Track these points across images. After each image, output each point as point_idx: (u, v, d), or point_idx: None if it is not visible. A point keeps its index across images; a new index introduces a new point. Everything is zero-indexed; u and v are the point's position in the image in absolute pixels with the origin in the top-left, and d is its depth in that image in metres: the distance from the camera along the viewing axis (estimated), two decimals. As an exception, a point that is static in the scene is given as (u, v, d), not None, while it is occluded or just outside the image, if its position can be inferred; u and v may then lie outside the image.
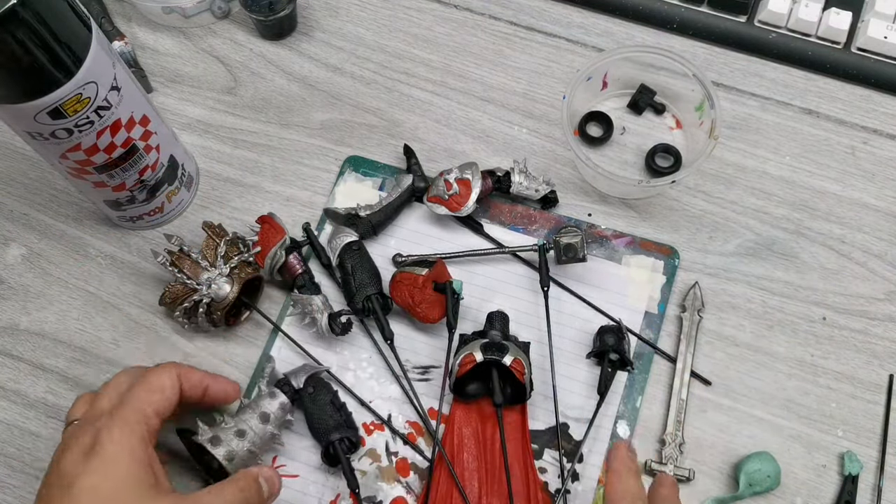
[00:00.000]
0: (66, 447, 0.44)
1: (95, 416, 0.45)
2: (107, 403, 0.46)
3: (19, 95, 0.44)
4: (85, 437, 0.43)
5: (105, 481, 0.42)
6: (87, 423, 0.45)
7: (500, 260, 0.59)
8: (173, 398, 0.47)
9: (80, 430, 0.44)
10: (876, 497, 0.53)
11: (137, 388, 0.46)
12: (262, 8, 0.64)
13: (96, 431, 0.43)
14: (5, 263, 0.60)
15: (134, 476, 0.42)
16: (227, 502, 0.44)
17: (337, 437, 0.51)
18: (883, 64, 0.65)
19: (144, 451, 0.44)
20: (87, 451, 0.43)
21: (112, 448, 0.42)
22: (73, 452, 0.43)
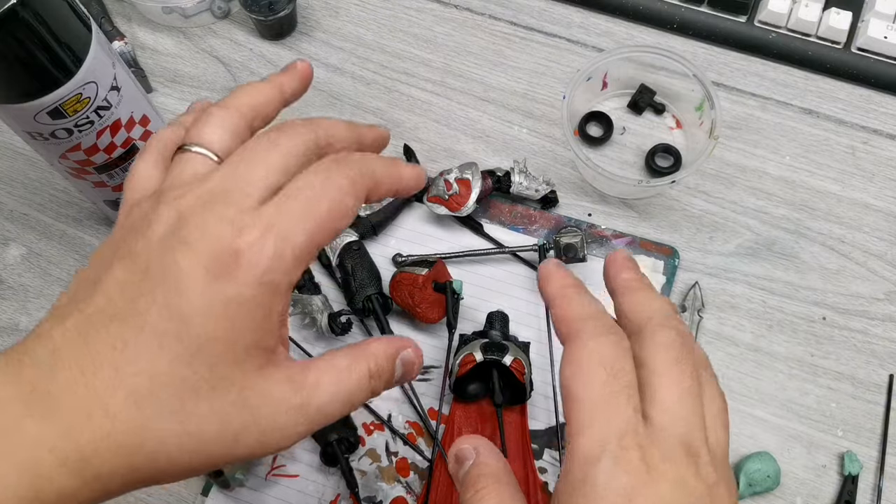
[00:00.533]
0: (185, 239, 0.28)
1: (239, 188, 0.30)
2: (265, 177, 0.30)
3: (19, 95, 0.44)
4: (208, 242, 0.28)
5: (222, 337, 0.28)
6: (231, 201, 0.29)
7: (500, 260, 0.59)
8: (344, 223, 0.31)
9: (215, 216, 0.29)
10: (876, 497, 0.53)
11: (324, 207, 0.30)
12: (262, 8, 0.64)
13: (236, 248, 0.28)
14: (5, 263, 0.60)
15: (261, 340, 0.29)
16: (349, 391, 0.31)
17: (335, 437, 0.51)
18: (883, 64, 0.65)
19: (285, 308, 0.31)
20: (219, 272, 0.28)
21: (247, 294, 0.28)
22: (197, 255, 0.28)
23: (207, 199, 0.29)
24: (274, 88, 0.35)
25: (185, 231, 0.29)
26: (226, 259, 0.28)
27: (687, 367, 0.30)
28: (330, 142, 0.33)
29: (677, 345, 0.31)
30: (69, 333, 0.28)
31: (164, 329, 0.28)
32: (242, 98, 0.34)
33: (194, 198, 0.30)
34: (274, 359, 0.30)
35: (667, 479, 0.27)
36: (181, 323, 0.28)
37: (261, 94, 0.34)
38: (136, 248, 0.29)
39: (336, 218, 0.31)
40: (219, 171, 0.30)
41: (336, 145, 0.33)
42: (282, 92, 0.35)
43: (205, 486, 0.53)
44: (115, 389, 0.27)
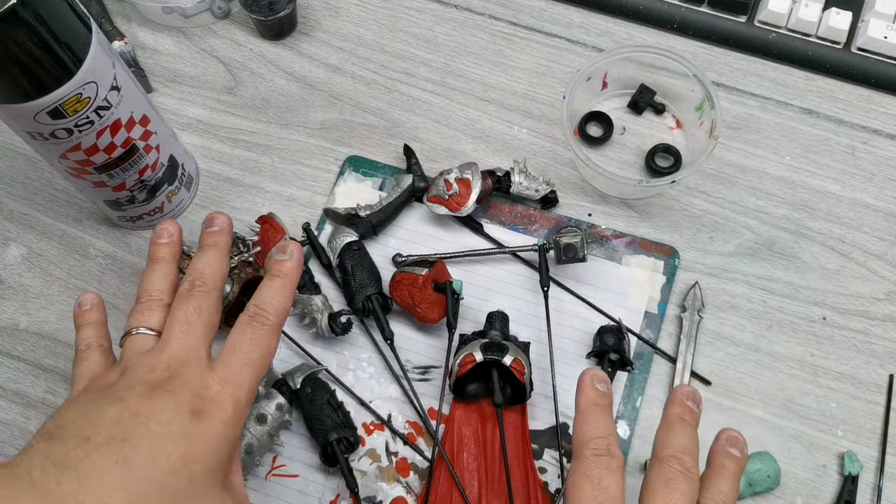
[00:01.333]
0: (168, 389, 0.38)
1: (186, 357, 0.40)
2: (202, 345, 0.41)
3: (19, 95, 0.44)
4: (192, 392, 0.38)
5: (199, 459, 0.37)
6: (194, 371, 0.39)
7: (500, 260, 0.59)
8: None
9: (189, 377, 0.39)
10: (876, 497, 0.53)
11: (257, 355, 0.41)
12: (262, 8, 0.64)
13: (208, 397, 0.38)
14: (5, 263, 0.60)
15: (222, 465, 0.38)
16: None
17: (335, 436, 0.51)
18: (883, 64, 0.64)
19: (238, 437, 0.40)
20: (195, 412, 0.38)
21: (219, 429, 0.38)
22: (179, 402, 0.38)
23: (175, 366, 0.39)
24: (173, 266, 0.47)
25: (165, 386, 0.38)
26: (200, 404, 0.38)
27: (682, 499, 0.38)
28: (220, 280, 0.45)
29: (678, 477, 0.38)
30: (76, 453, 0.35)
31: (157, 450, 0.36)
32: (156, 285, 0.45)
33: (164, 365, 0.39)
34: (227, 483, 0.40)
35: None
36: (169, 447, 0.36)
37: (169, 276, 0.46)
38: (125, 398, 0.38)
39: (267, 356, 0.42)
40: (171, 344, 0.40)
41: (223, 277, 0.45)
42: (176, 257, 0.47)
43: (205, 486, 0.53)
44: (116, 491, 0.34)
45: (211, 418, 0.38)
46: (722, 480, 0.40)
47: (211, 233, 0.46)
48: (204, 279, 0.43)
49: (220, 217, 0.47)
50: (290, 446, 0.54)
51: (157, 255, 0.46)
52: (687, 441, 0.40)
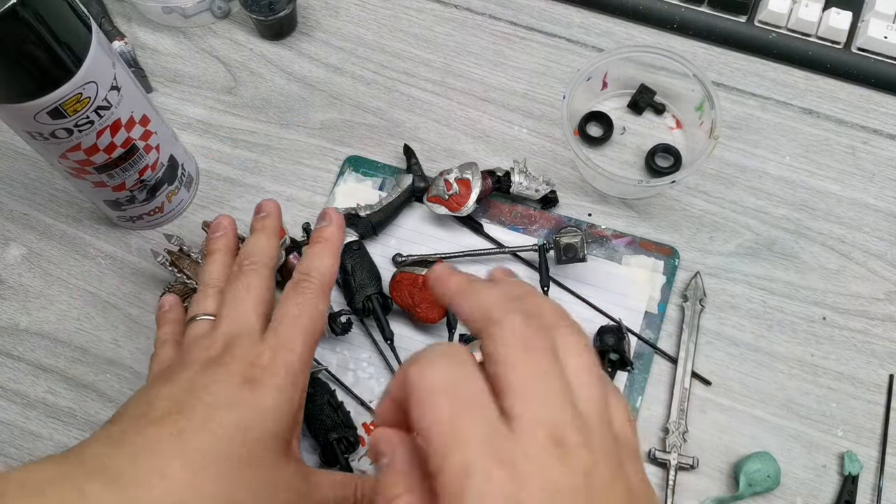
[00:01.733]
0: (221, 362, 0.39)
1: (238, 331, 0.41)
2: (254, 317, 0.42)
3: (19, 95, 0.44)
4: (244, 362, 0.39)
5: (255, 426, 0.37)
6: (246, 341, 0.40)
7: (500, 260, 0.59)
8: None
9: (241, 348, 0.40)
10: (876, 497, 0.53)
11: (306, 318, 0.42)
12: (262, 8, 0.64)
13: (261, 365, 0.39)
14: (5, 263, 0.60)
15: (280, 432, 0.38)
16: (338, 499, 0.41)
17: (335, 436, 0.51)
18: (883, 64, 0.64)
19: (300, 405, 0.40)
20: (247, 380, 0.38)
21: (274, 395, 0.38)
22: (231, 373, 0.38)
23: (228, 340, 0.40)
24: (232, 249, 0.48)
25: (219, 360, 0.39)
26: (252, 373, 0.38)
27: (537, 346, 0.29)
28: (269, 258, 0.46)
29: (520, 327, 0.29)
30: (133, 429, 0.36)
31: (210, 419, 0.36)
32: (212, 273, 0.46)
33: (219, 343, 0.40)
34: (289, 451, 0.39)
35: (535, 484, 0.25)
36: (223, 415, 0.36)
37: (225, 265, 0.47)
38: (179, 376, 0.39)
39: (317, 318, 0.42)
40: (223, 322, 0.41)
41: (272, 255, 0.46)
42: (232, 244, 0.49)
43: (205, 486, 0.53)
44: (172, 459, 0.35)
45: (264, 385, 0.38)
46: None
47: (259, 218, 0.48)
48: (252, 258, 0.45)
49: (269, 203, 0.49)
50: (290, 446, 0.54)
51: (213, 248, 0.48)
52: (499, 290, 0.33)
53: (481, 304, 0.31)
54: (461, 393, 0.27)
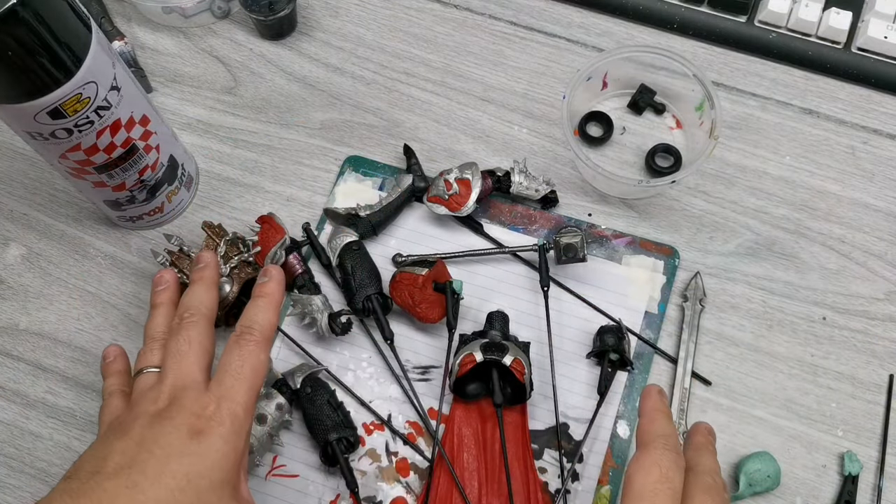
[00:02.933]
0: (168, 415, 0.41)
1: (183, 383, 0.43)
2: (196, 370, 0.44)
3: (19, 95, 0.44)
4: (190, 414, 0.41)
5: (204, 475, 0.39)
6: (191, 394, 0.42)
7: (500, 260, 0.59)
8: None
9: (187, 400, 0.42)
10: (876, 497, 0.53)
11: (248, 369, 0.44)
12: (262, 8, 0.64)
13: (206, 416, 0.41)
14: (5, 263, 0.60)
15: (229, 478, 0.41)
16: None
17: (335, 436, 0.51)
18: (883, 64, 0.64)
19: (244, 451, 0.42)
20: (194, 432, 0.40)
21: (220, 444, 0.40)
22: (177, 426, 0.40)
23: (174, 393, 0.42)
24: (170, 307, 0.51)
25: (166, 413, 0.41)
26: (199, 424, 0.41)
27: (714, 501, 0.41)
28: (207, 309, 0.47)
29: (713, 488, 0.41)
30: (88, 484, 0.38)
31: (161, 471, 0.39)
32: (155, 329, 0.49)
33: (165, 396, 0.42)
34: (238, 494, 0.42)
35: None
36: (174, 467, 0.39)
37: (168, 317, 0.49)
38: (130, 430, 0.41)
39: (257, 369, 0.44)
40: (168, 376, 0.43)
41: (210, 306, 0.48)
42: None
43: (205, 486, 0.53)
44: None
45: (210, 435, 0.40)
46: (705, 454, 0.44)
47: (197, 269, 0.50)
48: (191, 310, 0.47)
49: (206, 254, 0.51)
50: (290, 446, 0.54)
51: (157, 301, 0.50)
52: (670, 429, 0.44)
53: (701, 460, 0.43)
54: (669, 480, 0.40)
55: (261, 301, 0.47)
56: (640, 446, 0.43)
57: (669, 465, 0.41)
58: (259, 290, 0.48)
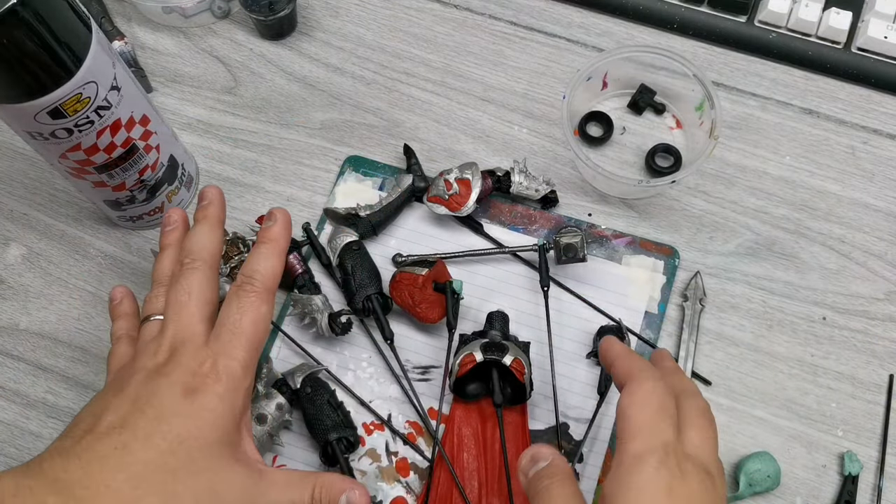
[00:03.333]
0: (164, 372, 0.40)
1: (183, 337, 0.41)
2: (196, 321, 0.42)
3: (19, 95, 0.44)
4: (186, 371, 0.40)
5: (196, 435, 0.38)
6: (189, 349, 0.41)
7: (500, 260, 0.59)
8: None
9: (184, 356, 0.40)
10: (876, 497, 0.53)
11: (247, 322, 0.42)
12: (262, 8, 0.64)
13: (202, 373, 0.40)
14: (5, 263, 0.60)
15: (226, 438, 0.39)
16: (293, 500, 0.41)
17: (335, 436, 0.51)
18: (883, 64, 0.65)
19: (244, 408, 0.41)
20: (188, 390, 0.39)
21: (215, 403, 0.39)
22: (172, 383, 0.39)
23: (173, 346, 0.41)
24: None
25: (163, 370, 0.40)
26: (194, 382, 0.39)
27: (712, 423, 0.40)
28: (209, 254, 0.45)
29: (707, 408, 0.41)
30: (80, 444, 0.37)
31: (152, 432, 0.38)
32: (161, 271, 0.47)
33: (165, 349, 0.41)
34: (237, 454, 0.40)
35: (694, 479, 0.36)
36: (165, 428, 0.38)
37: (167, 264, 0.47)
38: (126, 386, 0.40)
39: (259, 322, 0.42)
40: (168, 327, 0.42)
41: (213, 250, 0.45)
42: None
43: (205, 486, 0.53)
44: (116, 472, 0.36)
45: (205, 394, 0.39)
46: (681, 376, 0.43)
47: (201, 206, 0.47)
48: (192, 255, 0.44)
49: (211, 190, 0.48)
50: (290, 446, 0.54)
51: (164, 243, 0.48)
52: (646, 362, 0.43)
53: (684, 385, 0.42)
54: (666, 409, 0.39)
55: (263, 248, 0.45)
56: (627, 382, 0.41)
57: (663, 395, 0.39)
58: (263, 234, 0.45)
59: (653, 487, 0.36)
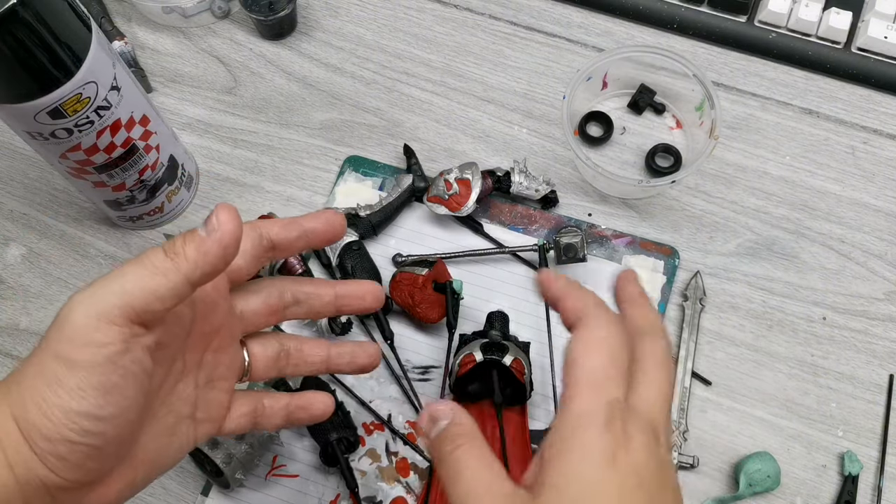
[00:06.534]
0: None
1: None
2: None
3: (19, 95, 0.44)
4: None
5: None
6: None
7: (500, 260, 0.59)
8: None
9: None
10: (876, 497, 0.53)
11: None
12: (262, 8, 0.64)
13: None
14: (5, 263, 0.60)
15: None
16: (137, 264, 0.34)
17: (335, 436, 0.51)
18: (883, 64, 0.64)
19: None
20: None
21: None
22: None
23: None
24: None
25: None
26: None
27: (667, 373, 0.36)
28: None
29: (665, 353, 0.37)
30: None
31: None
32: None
33: None
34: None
35: (639, 444, 0.33)
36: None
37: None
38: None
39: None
40: None
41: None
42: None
43: (205, 486, 0.53)
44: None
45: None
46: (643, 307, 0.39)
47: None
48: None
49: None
50: (290, 446, 0.54)
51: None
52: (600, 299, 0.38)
53: (646, 317, 0.38)
54: (616, 363, 0.35)
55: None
56: (577, 325, 0.36)
57: (616, 343, 0.35)
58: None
59: (595, 454, 0.32)
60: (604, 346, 0.35)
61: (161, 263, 0.34)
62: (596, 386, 0.34)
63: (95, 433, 0.33)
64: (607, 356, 0.35)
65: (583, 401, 0.34)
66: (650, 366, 0.36)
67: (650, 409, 0.35)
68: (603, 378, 0.34)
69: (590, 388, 0.34)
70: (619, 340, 0.36)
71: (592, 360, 0.35)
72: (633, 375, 0.35)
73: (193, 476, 0.53)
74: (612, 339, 0.36)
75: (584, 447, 0.33)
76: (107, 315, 0.32)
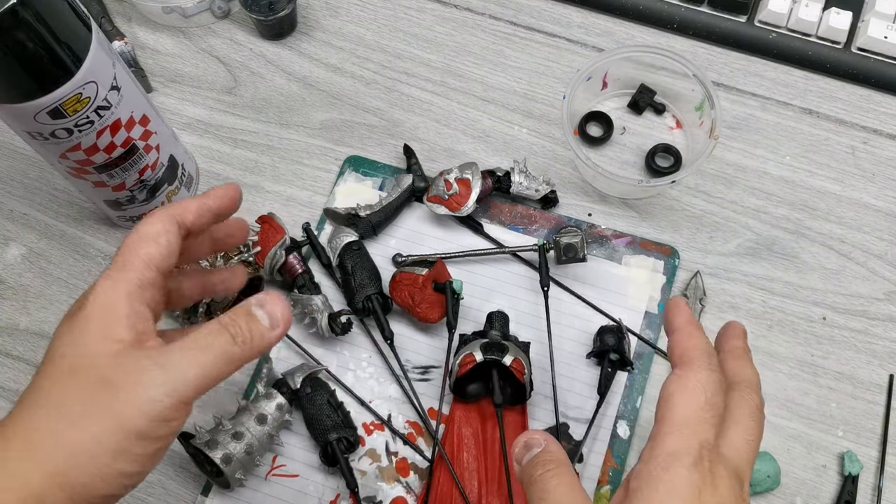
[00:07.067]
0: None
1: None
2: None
3: (19, 95, 0.44)
4: (76, 304, 0.40)
5: (79, 342, 0.37)
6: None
7: (500, 260, 0.59)
8: (170, 244, 0.40)
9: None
10: (876, 497, 0.53)
11: (126, 241, 0.40)
12: (262, 8, 0.64)
13: (85, 294, 0.39)
14: (5, 263, 0.60)
15: (111, 335, 0.37)
16: (209, 347, 0.37)
17: (335, 436, 0.51)
18: (883, 64, 0.64)
19: (130, 306, 0.38)
20: (72, 314, 0.39)
21: (92, 309, 0.38)
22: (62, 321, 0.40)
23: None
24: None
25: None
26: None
27: (759, 427, 0.38)
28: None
29: (759, 408, 0.39)
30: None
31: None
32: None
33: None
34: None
35: (725, 485, 0.35)
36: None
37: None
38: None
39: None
40: None
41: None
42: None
43: (205, 486, 0.53)
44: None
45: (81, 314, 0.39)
46: (746, 364, 0.41)
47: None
48: None
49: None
50: (290, 446, 0.54)
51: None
52: (706, 342, 0.40)
53: (745, 371, 0.40)
54: (713, 406, 0.37)
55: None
56: (681, 364, 0.39)
57: (715, 389, 0.37)
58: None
59: (682, 489, 0.35)
60: (702, 389, 0.37)
61: (229, 349, 0.37)
62: (690, 426, 0.36)
63: (133, 486, 0.36)
64: (704, 399, 0.37)
65: (676, 439, 0.36)
66: (743, 415, 0.38)
67: (738, 456, 0.37)
68: (697, 420, 0.36)
69: (684, 427, 0.36)
70: (717, 387, 0.38)
71: (689, 401, 0.37)
72: (725, 422, 0.37)
73: (193, 476, 0.53)
74: (712, 384, 0.37)
75: (673, 482, 0.35)
76: (184, 398, 0.36)
